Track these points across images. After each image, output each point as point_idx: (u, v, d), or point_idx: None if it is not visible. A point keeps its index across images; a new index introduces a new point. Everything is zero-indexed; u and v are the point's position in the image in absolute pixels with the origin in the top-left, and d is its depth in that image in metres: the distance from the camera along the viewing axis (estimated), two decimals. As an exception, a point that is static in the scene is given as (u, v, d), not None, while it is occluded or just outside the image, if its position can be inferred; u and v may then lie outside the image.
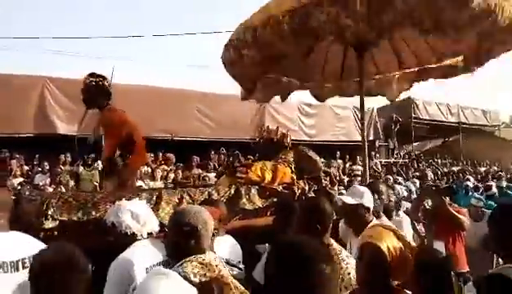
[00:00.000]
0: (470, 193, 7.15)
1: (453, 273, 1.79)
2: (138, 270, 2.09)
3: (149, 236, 2.33)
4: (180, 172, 8.80)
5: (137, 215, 2.33)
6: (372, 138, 14.48)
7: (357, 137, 13.60)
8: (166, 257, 2.18)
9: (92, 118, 4.48)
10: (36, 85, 9.58)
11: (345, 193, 3.20)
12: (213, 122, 11.43)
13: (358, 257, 1.81)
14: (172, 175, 8.69)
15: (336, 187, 4.11)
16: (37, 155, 9.03)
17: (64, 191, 5.79)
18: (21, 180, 7.45)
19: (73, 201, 2.81)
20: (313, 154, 4.17)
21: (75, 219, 2.74)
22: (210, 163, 9.92)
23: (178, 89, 11.46)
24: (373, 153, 14.05)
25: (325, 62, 5.40)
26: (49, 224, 2.62)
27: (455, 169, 15.09)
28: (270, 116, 12.04)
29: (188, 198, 3.17)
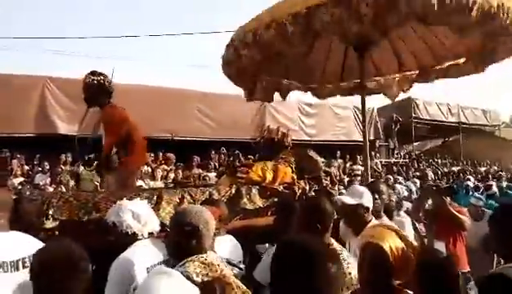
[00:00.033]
0: (471, 192, 7.14)
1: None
2: (139, 270, 2.10)
3: (150, 236, 2.33)
4: (180, 172, 8.79)
5: (138, 214, 2.33)
6: (372, 138, 14.46)
7: (358, 137, 13.60)
8: (167, 257, 2.18)
9: (93, 118, 4.47)
10: (36, 85, 9.57)
11: (344, 193, 3.20)
12: (214, 122, 11.42)
13: (360, 257, 1.81)
14: (172, 174, 8.69)
15: (337, 187, 4.10)
16: (37, 155, 9.03)
17: (64, 191, 5.79)
18: (22, 180, 7.46)
19: (74, 201, 2.81)
20: (314, 154, 4.17)
21: (76, 219, 2.74)
22: (211, 163, 9.92)
23: (178, 89, 11.45)
24: (373, 152, 14.03)
25: (325, 63, 5.40)
26: (50, 224, 2.62)
27: (455, 169, 15.09)
28: (270, 116, 12.03)
29: (189, 198, 3.17)
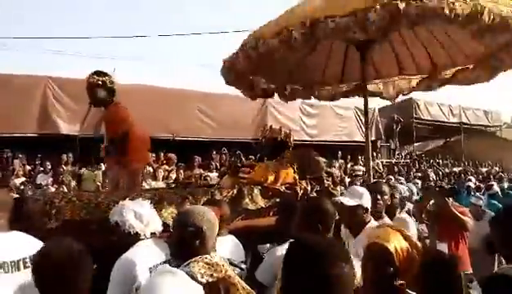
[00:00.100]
0: (472, 193, 7.13)
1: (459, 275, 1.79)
2: (141, 270, 2.10)
3: (152, 236, 2.33)
4: (182, 172, 8.80)
5: (141, 214, 2.33)
6: (374, 138, 14.46)
7: (359, 137, 13.60)
8: (169, 257, 2.18)
9: (95, 118, 4.47)
10: (38, 85, 9.58)
11: (344, 193, 3.19)
12: (215, 122, 11.42)
13: (365, 257, 1.80)
14: (173, 175, 8.69)
15: (338, 187, 4.09)
16: (39, 155, 9.05)
17: (66, 191, 5.80)
18: (23, 180, 7.47)
19: (76, 201, 2.82)
20: (315, 155, 4.16)
21: (78, 218, 2.75)
22: (212, 163, 9.92)
23: (179, 89, 11.46)
24: (374, 153, 14.03)
25: (326, 63, 5.38)
26: (53, 223, 2.62)
27: (456, 170, 15.08)
28: (271, 116, 12.03)
29: (191, 198, 3.17)
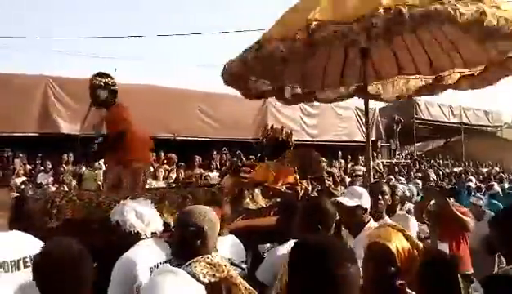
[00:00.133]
0: (473, 193, 7.12)
1: (459, 275, 1.78)
2: (142, 270, 2.10)
3: (153, 235, 2.33)
4: (182, 172, 8.80)
5: (142, 214, 2.33)
6: (374, 138, 14.45)
7: (359, 137, 13.60)
8: (170, 257, 2.18)
9: (96, 117, 4.46)
10: (39, 84, 9.60)
11: (342, 194, 3.18)
12: (215, 122, 11.43)
13: (366, 256, 1.80)
14: (174, 174, 8.70)
15: (339, 187, 4.10)
16: (39, 154, 9.06)
17: (67, 190, 5.80)
18: (24, 179, 7.48)
19: (77, 200, 2.82)
20: (316, 155, 4.16)
21: (79, 218, 2.75)
22: (213, 163, 9.92)
23: (180, 89, 11.47)
24: (375, 153, 14.03)
25: (325, 67, 5.39)
26: (53, 223, 2.63)
27: (457, 170, 15.07)
28: (272, 116, 12.03)
29: (191, 198, 3.17)
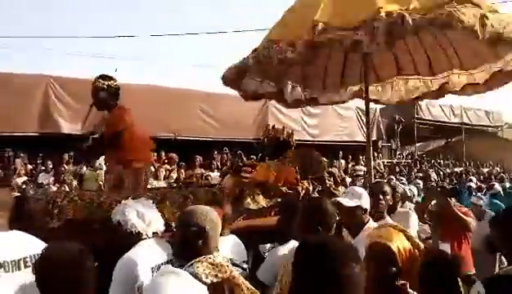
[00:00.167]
0: (473, 193, 7.12)
1: (460, 278, 1.78)
2: (143, 270, 2.10)
3: (154, 235, 2.33)
4: (183, 172, 8.81)
5: (143, 214, 2.33)
6: (375, 138, 14.44)
7: (360, 137, 13.59)
8: (171, 257, 2.18)
9: (97, 117, 4.46)
10: (40, 84, 9.61)
11: (342, 194, 3.17)
12: (216, 122, 11.43)
13: (367, 256, 1.80)
14: (174, 174, 8.71)
15: (340, 187, 4.09)
16: (40, 154, 9.06)
17: (68, 190, 5.80)
18: (25, 179, 7.49)
19: (78, 200, 2.82)
20: (317, 154, 4.16)
21: (81, 218, 2.75)
22: (213, 163, 9.93)
23: (181, 89, 11.49)
24: (375, 153, 14.02)
25: (325, 68, 5.36)
26: (55, 223, 2.63)
27: (457, 170, 15.06)
28: (273, 116, 12.01)
29: (192, 198, 3.16)
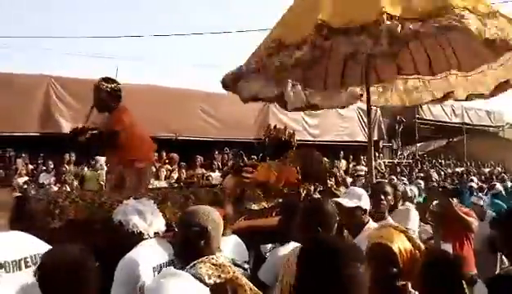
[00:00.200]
0: (475, 193, 7.10)
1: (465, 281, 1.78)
2: (145, 270, 2.10)
3: (155, 235, 2.33)
4: (184, 172, 8.82)
5: (144, 214, 2.34)
6: (376, 138, 14.42)
7: (361, 137, 13.58)
8: (173, 257, 2.18)
9: (98, 118, 4.46)
10: (41, 84, 9.62)
11: (342, 195, 3.17)
12: (217, 122, 11.42)
13: (367, 256, 1.79)
14: (175, 174, 8.72)
15: (341, 188, 4.08)
16: (41, 154, 9.07)
17: (69, 190, 5.81)
18: (26, 179, 7.50)
19: (80, 200, 2.82)
20: (318, 155, 4.15)
21: (82, 218, 2.75)
22: (214, 163, 9.93)
23: (182, 89, 11.50)
24: (376, 153, 14.00)
25: (326, 68, 5.35)
26: (56, 223, 2.63)
27: (459, 170, 15.04)
28: (274, 116, 11.98)
29: (194, 198, 3.16)
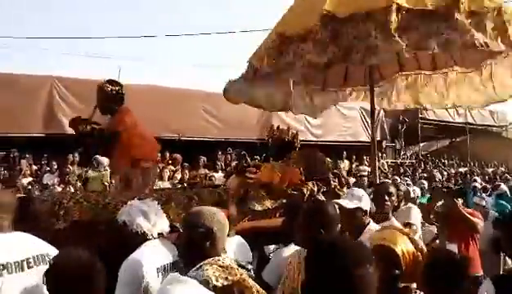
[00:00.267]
0: (478, 193, 7.07)
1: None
2: (148, 270, 2.11)
3: (159, 236, 2.34)
4: (187, 172, 8.82)
5: (148, 214, 2.34)
6: (379, 138, 14.39)
7: (364, 138, 13.56)
8: (177, 258, 2.19)
9: (101, 118, 4.47)
10: (44, 84, 9.66)
11: (342, 196, 3.16)
12: (220, 122, 11.42)
13: None
14: (179, 175, 8.73)
15: (345, 188, 4.08)
16: (45, 155, 9.10)
17: (73, 191, 5.82)
18: (30, 180, 7.52)
19: (84, 201, 2.83)
20: (322, 155, 4.16)
21: (87, 219, 2.76)
22: (218, 163, 9.93)
23: (184, 89, 11.51)
24: (379, 153, 13.97)
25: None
26: (61, 224, 2.64)
27: (462, 170, 14.99)
28: (276, 116, 11.96)
29: (197, 199, 3.17)
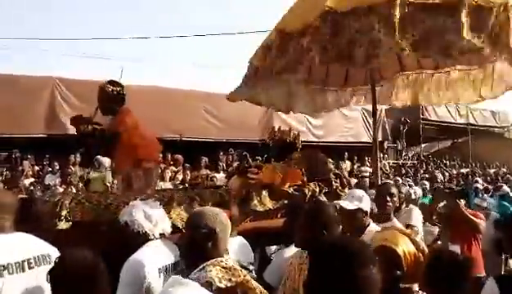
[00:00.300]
0: (480, 194, 7.07)
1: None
2: (150, 271, 2.11)
3: (161, 236, 2.34)
4: (188, 173, 8.82)
5: (150, 214, 2.35)
6: (380, 139, 14.35)
7: (366, 138, 13.54)
8: (178, 258, 2.19)
9: (102, 119, 4.48)
10: (46, 85, 9.69)
11: (343, 197, 3.15)
12: (221, 123, 11.43)
13: None
14: (180, 176, 8.73)
15: (346, 189, 4.08)
16: (47, 155, 9.11)
17: (75, 192, 5.83)
18: (32, 181, 7.54)
19: (86, 202, 2.83)
20: (323, 156, 4.15)
21: (88, 220, 2.76)
22: (219, 164, 9.93)
23: (185, 89, 11.53)
24: (381, 154, 13.95)
25: (327, 69, 5.28)
26: (63, 225, 2.64)
27: (464, 171, 14.96)
28: (278, 117, 11.97)
29: (199, 200, 3.17)
